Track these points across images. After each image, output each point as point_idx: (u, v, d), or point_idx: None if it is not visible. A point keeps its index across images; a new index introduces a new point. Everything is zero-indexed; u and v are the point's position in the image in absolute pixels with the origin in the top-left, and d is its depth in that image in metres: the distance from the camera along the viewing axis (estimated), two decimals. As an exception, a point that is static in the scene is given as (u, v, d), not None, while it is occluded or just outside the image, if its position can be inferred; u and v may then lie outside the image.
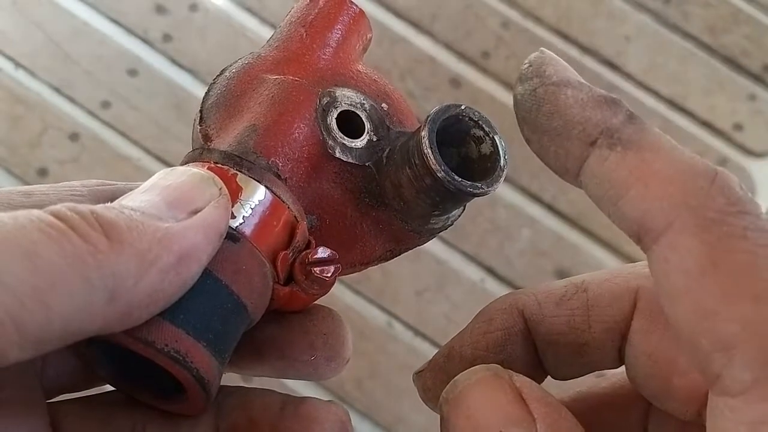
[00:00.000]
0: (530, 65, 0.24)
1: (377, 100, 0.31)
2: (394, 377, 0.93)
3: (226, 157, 0.27)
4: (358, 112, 0.30)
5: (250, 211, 0.26)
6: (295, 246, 0.27)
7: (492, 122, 0.28)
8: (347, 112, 0.30)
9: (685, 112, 1.11)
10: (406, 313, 0.96)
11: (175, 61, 1.07)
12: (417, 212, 0.29)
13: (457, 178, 0.27)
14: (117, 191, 0.27)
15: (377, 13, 1.12)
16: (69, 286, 0.20)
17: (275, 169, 0.28)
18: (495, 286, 0.99)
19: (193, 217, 0.24)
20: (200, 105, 0.30)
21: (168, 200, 0.24)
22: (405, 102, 0.32)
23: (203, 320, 0.24)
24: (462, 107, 0.28)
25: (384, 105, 0.31)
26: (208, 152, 0.28)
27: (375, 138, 0.30)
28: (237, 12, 1.11)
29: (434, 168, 0.27)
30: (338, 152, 0.29)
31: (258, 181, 0.27)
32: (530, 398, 0.23)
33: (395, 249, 0.30)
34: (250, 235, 0.26)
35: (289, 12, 0.32)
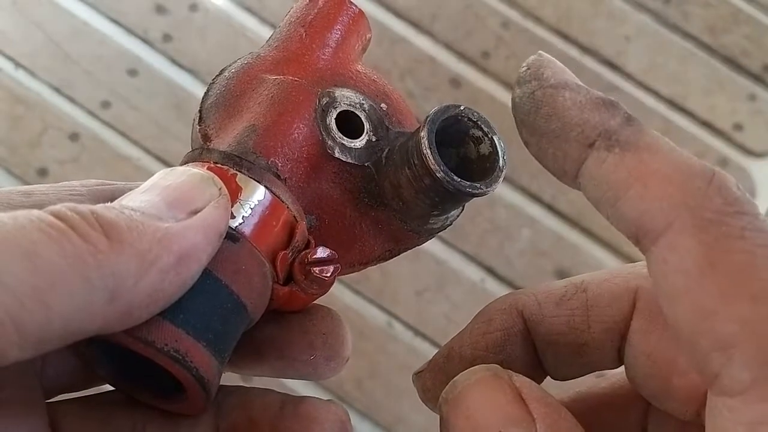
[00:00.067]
0: (528, 68, 0.24)
1: (376, 101, 0.31)
2: (394, 377, 0.93)
3: (226, 157, 0.27)
4: (358, 113, 0.30)
5: (250, 211, 0.26)
6: (295, 246, 0.27)
7: (491, 122, 0.28)
8: (346, 113, 0.30)
9: (685, 112, 1.11)
10: (406, 313, 0.96)
11: (175, 61, 1.07)
12: (416, 212, 0.29)
13: (456, 179, 0.27)
14: (117, 191, 0.27)
15: (377, 13, 1.12)
16: (69, 286, 0.20)
17: (275, 169, 0.28)
18: (495, 286, 0.99)
19: (193, 217, 0.24)
20: (199, 105, 0.30)
21: (168, 200, 0.24)
22: (404, 102, 0.32)
23: (203, 320, 0.24)
24: (461, 107, 0.28)
25: (383, 105, 0.31)
26: (208, 152, 0.28)
27: (374, 138, 0.30)
28: (237, 12, 1.11)
29: (433, 168, 0.27)
30: (337, 152, 0.29)
31: (257, 181, 0.27)
32: (530, 398, 0.23)
33: (394, 249, 0.30)
34: (250, 235, 0.26)
35: (289, 12, 0.32)
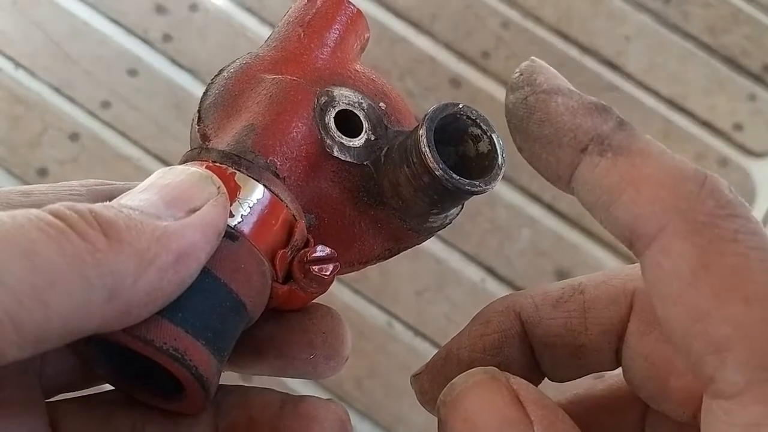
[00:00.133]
0: (521, 74, 0.24)
1: (375, 100, 0.31)
2: (394, 377, 0.93)
3: (225, 156, 0.27)
4: (356, 112, 0.30)
5: (249, 210, 0.26)
6: (294, 244, 0.27)
7: (490, 121, 0.28)
8: (345, 112, 0.30)
9: (685, 112, 1.11)
10: (406, 313, 0.96)
11: (175, 61, 1.07)
12: (415, 211, 0.29)
13: (455, 177, 0.27)
14: (115, 190, 0.27)
15: (377, 13, 1.12)
16: (68, 285, 0.20)
17: (273, 168, 0.28)
18: (495, 286, 0.99)
19: (192, 216, 0.24)
20: (198, 105, 0.30)
21: (166, 199, 0.24)
22: (403, 101, 0.32)
23: (202, 319, 0.24)
24: (459, 106, 0.28)
25: (382, 104, 0.31)
26: (207, 151, 0.28)
27: (373, 137, 0.30)
28: (237, 12, 1.11)
29: (432, 166, 0.27)
30: (336, 151, 0.29)
31: (256, 180, 0.27)
32: (527, 401, 0.23)
33: (394, 248, 0.30)
34: (249, 234, 0.26)
35: (287, 12, 0.32)
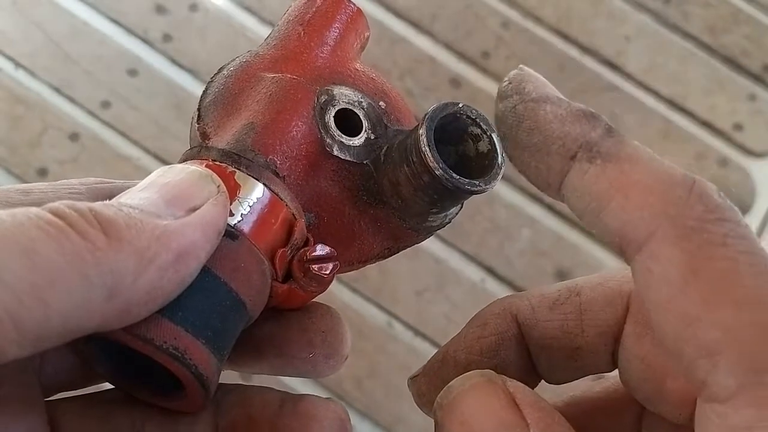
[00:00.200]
0: (510, 83, 0.24)
1: (375, 99, 0.31)
2: (394, 377, 0.93)
3: (225, 155, 0.27)
4: (356, 111, 0.30)
5: (249, 209, 0.26)
6: (294, 243, 0.27)
7: (489, 120, 0.28)
8: (345, 111, 0.30)
9: (685, 112, 1.11)
10: (406, 313, 0.96)
11: (175, 61, 1.07)
12: (415, 210, 0.29)
13: (455, 176, 0.27)
14: (115, 189, 0.27)
15: (377, 13, 1.12)
16: (67, 284, 0.20)
17: (273, 167, 0.28)
18: (495, 286, 0.99)
19: (192, 215, 0.24)
20: (198, 103, 0.30)
21: (166, 198, 0.24)
22: (402, 100, 0.32)
23: (202, 317, 0.24)
24: (459, 105, 0.28)
25: (382, 103, 0.31)
26: (207, 150, 0.28)
27: (373, 136, 0.30)
28: (237, 12, 1.11)
29: (432, 166, 0.27)
30: (336, 150, 0.29)
31: (256, 179, 0.27)
32: (523, 403, 0.23)
33: (393, 247, 0.30)
34: (249, 233, 0.26)
35: (287, 10, 0.32)
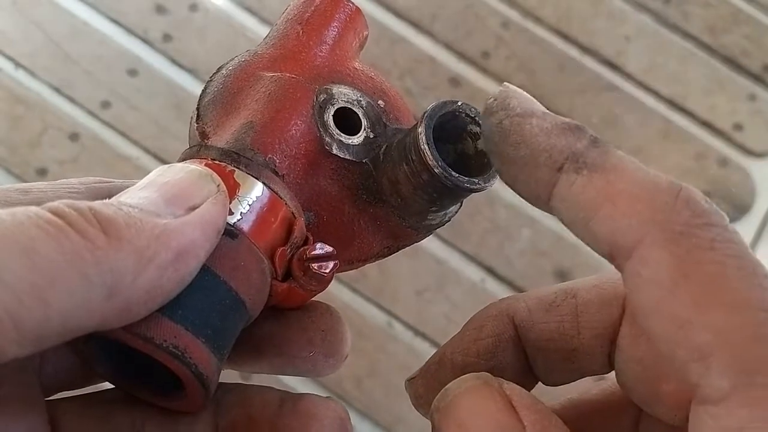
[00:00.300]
0: (495, 99, 0.24)
1: (374, 97, 0.31)
2: (394, 377, 0.93)
3: (224, 154, 0.27)
4: (355, 109, 0.30)
5: (248, 208, 0.26)
6: (293, 242, 0.27)
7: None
8: (344, 109, 0.30)
9: (685, 112, 1.11)
10: (406, 313, 0.96)
11: (175, 61, 1.07)
12: (414, 208, 0.29)
13: (454, 174, 0.27)
14: (114, 188, 0.27)
15: (377, 13, 1.12)
16: (67, 283, 0.20)
17: (272, 166, 0.28)
18: (495, 286, 0.99)
19: (191, 214, 0.24)
20: (197, 103, 0.30)
21: (166, 197, 0.24)
22: (401, 99, 0.32)
23: (202, 316, 0.24)
24: (458, 103, 0.28)
25: (380, 102, 0.31)
26: (206, 149, 0.28)
27: (372, 135, 0.30)
28: (237, 12, 1.11)
29: (431, 164, 0.27)
30: (335, 149, 0.29)
31: (255, 178, 0.27)
32: (520, 406, 0.23)
33: (393, 245, 0.30)
34: (248, 232, 0.26)
35: (286, 10, 0.32)
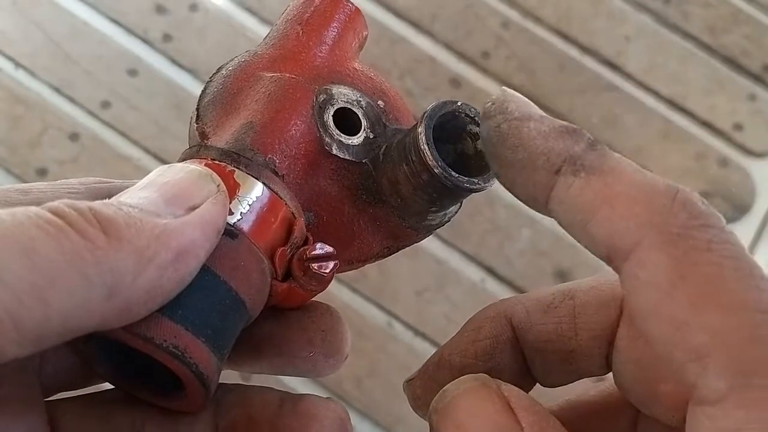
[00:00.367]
0: (493, 103, 0.25)
1: (373, 98, 0.31)
2: (394, 377, 0.93)
3: (224, 154, 0.27)
4: (355, 110, 0.30)
5: (248, 208, 0.26)
6: (293, 242, 0.27)
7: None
8: (344, 110, 0.30)
9: (685, 112, 1.11)
10: (406, 313, 0.96)
11: (175, 61, 1.07)
12: (414, 209, 0.29)
13: (454, 174, 0.27)
14: (114, 189, 0.27)
15: (377, 13, 1.12)
16: (67, 283, 0.20)
17: (272, 166, 0.28)
18: (495, 286, 0.99)
19: (191, 214, 0.24)
20: (197, 103, 0.30)
21: (166, 197, 0.24)
22: (401, 99, 0.32)
23: (202, 316, 0.24)
24: (458, 103, 0.28)
25: (380, 102, 0.31)
26: (206, 149, 0.28)
27: (371, 135, 0.30)
28: (237, 12, 1.11)
29: (431, 164, 0.27)
30: (335, 149, 0.29)
31: (255, 178, 0.27)
32: (518, 407, 0.23)
33: (392, 246, 0.30)
34: (248, 232, 0.26)
35: (285, 10, 0.33)
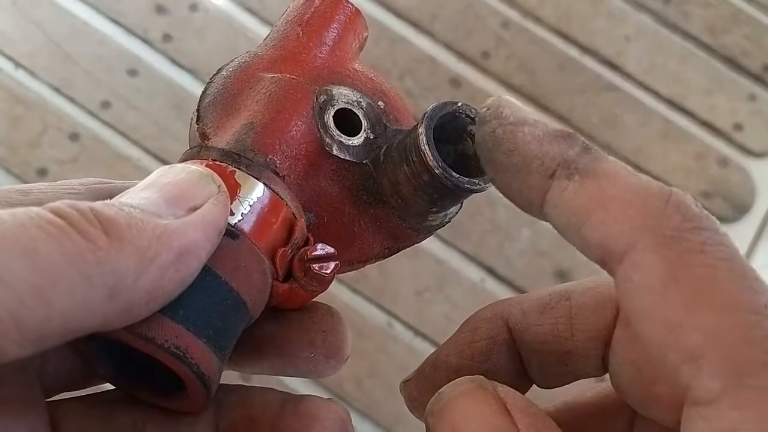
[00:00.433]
0: (488, 109, 0.25)
1: (374, 98, 0.31)
2: (394, 377, 0.93)
3: (224, 155, 0.27)
4: (355, 110, 0.30)
5: (249, 208, 0.26)
6: (294, 243, 0.27)
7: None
8: (344, 110, 0.30)
9: (685, 112, 1.11)
10: (406, 313, 0.96)
11: (175, 61, 1.07)
12: (415, 209, 0.29)
13: (455, 175, 0.27)
14: (115, 189, 0.27)
15: (377, 13, 1.12)
16: (69, 284, 0.20)
17: (273, 167, 0.28)
18: (495, 286, 0.99)
19: (192, 214, 0.24)
20: (197, 104, 0.30)
21: (167, 197, 0.24)
22: (401, 100, 0.32)
23: (203, 317, 0.24)
24: (458, 104, 0.28)
25: (380, 103, 0.31)
26: (206, 150, 0.28)
27: (372, 136, 0.30)
28: (237, 12, 1.11)
29: (432, 164, 0.27)
30: (335, 150, 0.29)
31: (256, 178, 0.27)
32: (514, 409, 0.23)
33: (393, 246, 0.30)
34: (249, 232, 0.26)
35: (286, 11, 0.33)
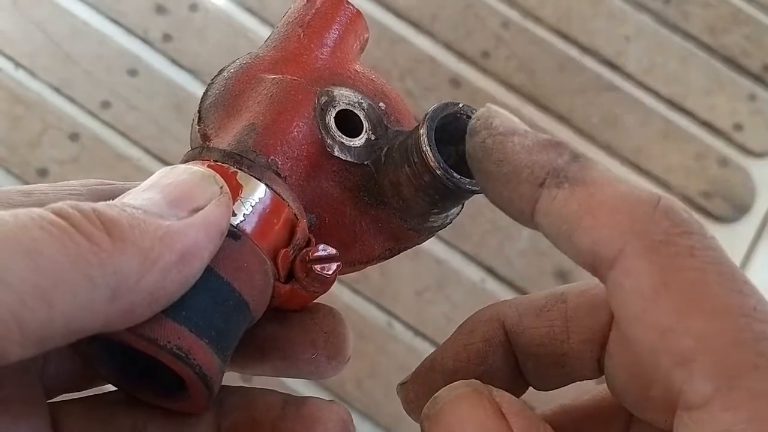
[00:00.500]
0: (478, 119, 0.25)
1: (375, 100, 0.31)
2: (394, 377, 0.92)
3: (226, 156, 0.27)
4: (356, 111, 0.30)
5: (251, 209, 0.26)
6: (296, 244, 0.27)
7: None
8: (345, 112, 0.30)
9: (685, 112, 1.11)
10: (406, 313, 0.96)
11: (175, 61, 1.07)
12: (416, 210, 0.29)
13: (456, 176, 0.27)
14: (116, 190, 0.27)
15: (377, 13, 1.12)
16: (71, 285, 0.20)
17: (275, 167, 0.28)
18: (495, 286, 0.99)
19: (195, 215, 0.24)
20: (198, 105, 0.30)
21: (169, 198, 0.24)
22: (402, 101, 0.32)
23: (205, 317, 0.24)
24: (460, 105, 0.28)
25: (381, 104, 0.31)
26: (208, 151, 0.28)
27: (373, 137, 0.30)
28: (237, 12, 1.11)
29: (433, 165, 0.27)
30: (337, 151, 0.29)
31: (258, 179, 0.27)
32: (509, 413, 0.23)
33: (394, 247, 0.30)
34: (251, 233, 0.26)
35: (287, 12, 0.33)
